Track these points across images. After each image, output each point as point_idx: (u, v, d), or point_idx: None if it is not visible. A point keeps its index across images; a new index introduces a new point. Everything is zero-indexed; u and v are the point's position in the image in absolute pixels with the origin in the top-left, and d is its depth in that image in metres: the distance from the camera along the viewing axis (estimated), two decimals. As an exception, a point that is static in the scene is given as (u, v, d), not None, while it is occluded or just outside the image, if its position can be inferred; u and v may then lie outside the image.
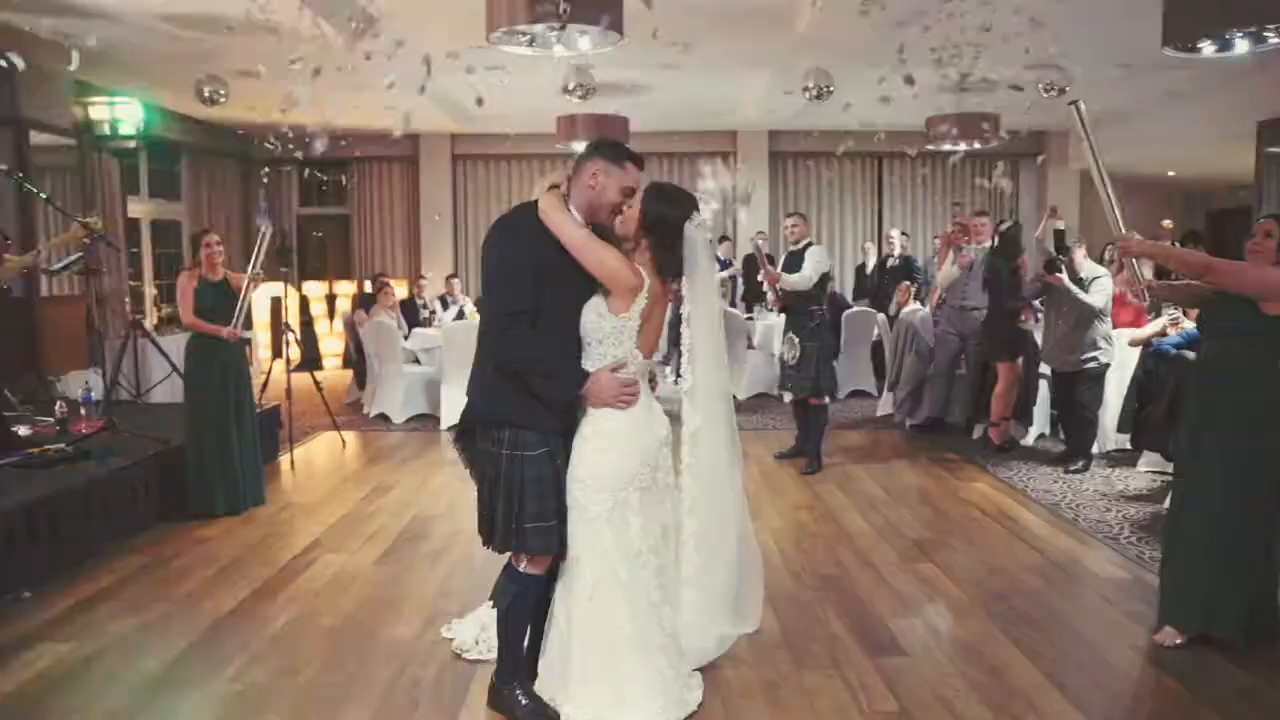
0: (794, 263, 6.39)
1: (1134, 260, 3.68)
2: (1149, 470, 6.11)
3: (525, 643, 3.13)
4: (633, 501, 2.98)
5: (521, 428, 2.91)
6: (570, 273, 2.90)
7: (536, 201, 3.00)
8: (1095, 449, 6.50)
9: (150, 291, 10.10)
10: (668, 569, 3.15)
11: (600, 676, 2.97)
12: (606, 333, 2.94)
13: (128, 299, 8.71)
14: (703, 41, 6.88)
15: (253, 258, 5.50)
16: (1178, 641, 3.53)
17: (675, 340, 3.44)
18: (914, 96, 7.15)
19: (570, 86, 7.66)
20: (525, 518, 2.90)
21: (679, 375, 3.49)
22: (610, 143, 3.09)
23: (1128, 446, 6.38)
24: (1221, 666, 3.38)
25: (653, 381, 3.32)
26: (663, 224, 3.01)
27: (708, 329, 3.27)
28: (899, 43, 6.88)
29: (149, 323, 9.15)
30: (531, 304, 2.86)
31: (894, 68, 6.24)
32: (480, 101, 6.22)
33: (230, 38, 6.46)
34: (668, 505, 3.16)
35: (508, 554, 3.03)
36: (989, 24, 5.90)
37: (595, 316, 2.95)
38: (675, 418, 3.15)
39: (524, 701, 3.02)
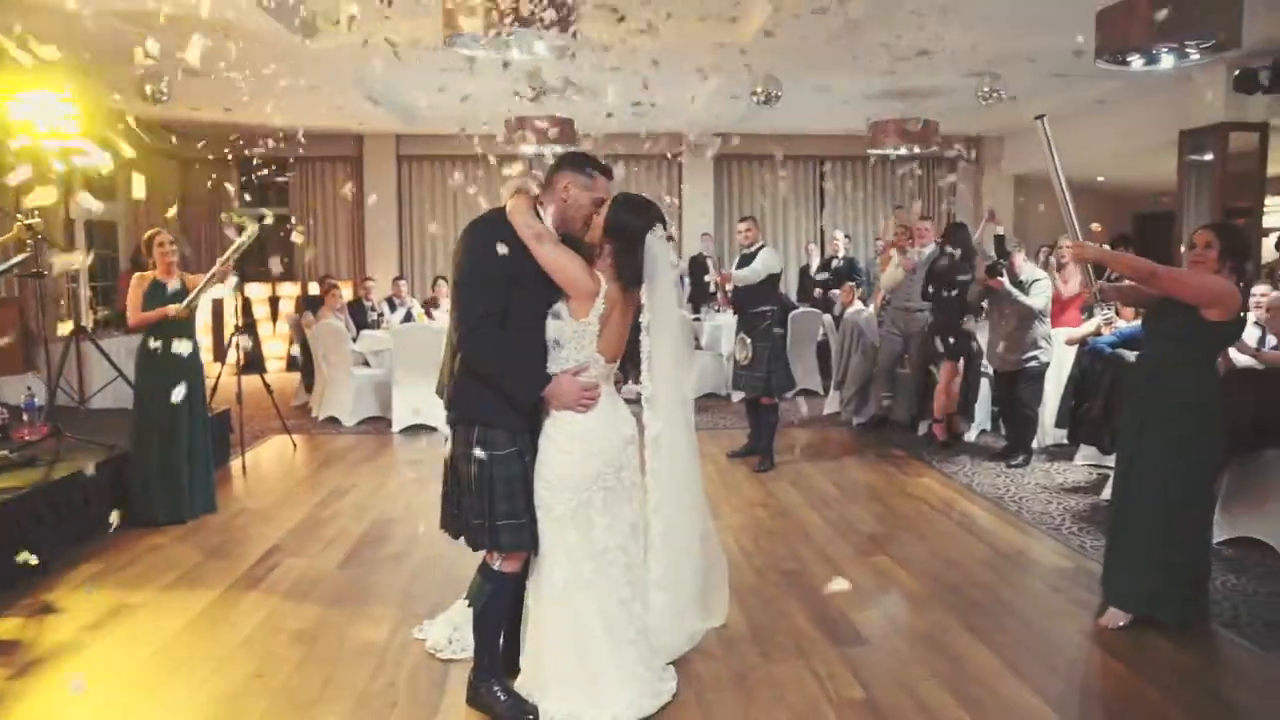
0: (744, 265, 6.52)
1: (1087, 264, 3.89)
2: (1086, 464, 6.38)
3: (502, 640, 3.18)
4: (596, 501, 3.05)
5: (490, 426, 2.97)
6: (539, 277, 2.97)
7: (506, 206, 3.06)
8: (1034, 444, 6.77)
9: (85, 293, 9.82)
10: (637, 566, 3.21)
11: (574, 672, 3.04)
12: (568, 336, 3.01)
13: (63, 300, 8.48)
14: (654, 43, 6.97)
15: (228, 251, 5.41)
16: (1121, 624, 3.73)
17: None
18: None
19: (522, 89, 7.71)
20: (498, 515, 2.97)
21: (634, 380, 3.53)
22: (579, 155, 3.14)
23: (1065, 441, 6.64)
24: (1162, 648, 3.58)
25: (618, 383, 3.38)
26: (625, 232, 3.08)
27: (668, 337, 3.32)
28: (844, 49, 7.09)
29: (86, 324, 8.90)
30: (501, 307, 2.92)
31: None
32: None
33: (176, 34, 6.33)
34: (635, 503, 3.22)
35: (481, 553, 3.08)
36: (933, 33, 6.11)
37: (558, 321, 3.02)
38: (638, 420, 3.22)
39: (502, 698, 3.06)
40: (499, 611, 3.12)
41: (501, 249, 2.89)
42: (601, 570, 3.06)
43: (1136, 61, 5.33)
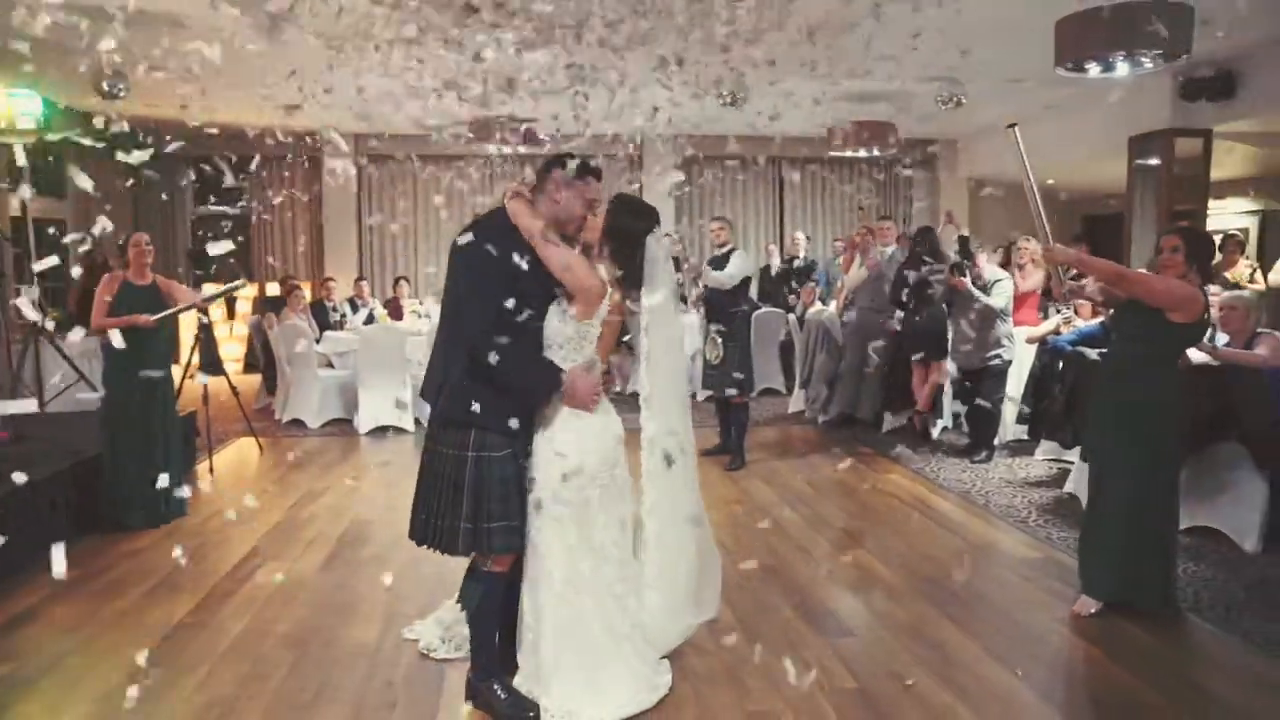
0: (717, 266, 6.59)
1: (1056, 266, 4.05)
2: (1046, 458, 6.58)
3: (498, 638, 3.20)
4: (594, 499, 3.09)
5: (486, 429, 2.98)
6: (540, 277, 3.00)
7: (504, 207, 3.09)
8: (997, 440, 6.95)
9: (34, 294, 9.56)
10: (629, 561, 3.26)
11: (572, 668, 3.08)
12: (568, 337, 3.04)
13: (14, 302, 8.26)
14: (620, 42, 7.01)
15: (215, 291, 5.43)
16: (1092, 611, 3.89)
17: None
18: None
19: (492, 89, 7.69)
20: (492, 517, 2.98)
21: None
22: (571, 157, 3.17)
23: (1025, 437, 6.84)
24: (1133, 634, 3.73)
25: (608, 383, 3.43)
26: (625, 235, 3.13)
27: (666, 339, 3.37)
28: (809, 53, 7.20)
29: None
30: (508, 308, 2.94)
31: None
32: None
33: (134, 29, 6.22)
34: (627, 499, 3.26)
35: (469, 555, 3.08)
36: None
37: (557, 322, 3.05)
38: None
39: (503, 696, 3.09)
40: (492, 610, 3.14)
41: (519, 261, 2.92)
42: (598, 567, 3.10)
43: (1094, 69, 5.55)
